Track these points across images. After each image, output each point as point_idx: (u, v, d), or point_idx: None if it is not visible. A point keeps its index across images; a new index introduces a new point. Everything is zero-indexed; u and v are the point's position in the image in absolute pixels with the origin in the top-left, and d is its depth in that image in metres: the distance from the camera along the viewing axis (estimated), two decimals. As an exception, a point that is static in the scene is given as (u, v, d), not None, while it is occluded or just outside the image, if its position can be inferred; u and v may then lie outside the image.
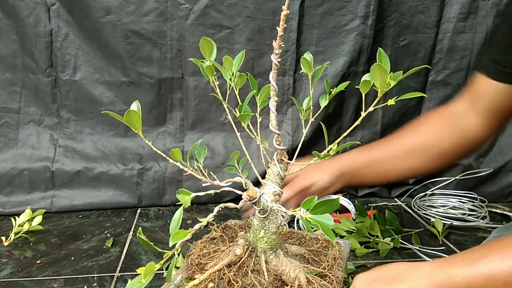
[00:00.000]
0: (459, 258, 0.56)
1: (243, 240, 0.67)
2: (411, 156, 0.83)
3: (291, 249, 0.68)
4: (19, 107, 1.23)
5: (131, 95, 1.24)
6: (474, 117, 0.79)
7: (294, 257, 0.67)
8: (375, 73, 0.54)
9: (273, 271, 0.63)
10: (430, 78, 1.31)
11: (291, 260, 0.65)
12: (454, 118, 0.81)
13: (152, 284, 0.89)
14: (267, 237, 0.65)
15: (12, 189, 1.22)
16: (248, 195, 0.58)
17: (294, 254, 0.68)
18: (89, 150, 1.26)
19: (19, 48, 1.19)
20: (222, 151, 1.28)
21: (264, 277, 0.63)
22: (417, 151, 0.83)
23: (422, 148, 0.83)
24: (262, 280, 0.62)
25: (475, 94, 0.79)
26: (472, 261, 0.53)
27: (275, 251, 0.65)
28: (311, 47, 1.24)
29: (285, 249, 0.67)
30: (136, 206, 1.27)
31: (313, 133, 1.27)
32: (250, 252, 0.65)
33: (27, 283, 0.89)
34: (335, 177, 0.90)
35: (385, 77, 0.53)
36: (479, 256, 0.53)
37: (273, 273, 0.63)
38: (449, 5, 1.24)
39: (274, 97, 0.62)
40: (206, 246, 0.73)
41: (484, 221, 1.19)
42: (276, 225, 0.65)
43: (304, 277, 0.61)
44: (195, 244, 0.75)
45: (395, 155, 0.85)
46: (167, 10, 1.18)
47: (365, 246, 1.02)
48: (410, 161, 0.84)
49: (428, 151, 0.82)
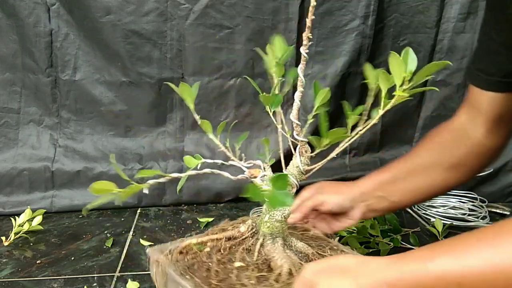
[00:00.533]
0: (415, 254, 0.51)
1: (251, 221, 0.70)
2: (428, 172, 0.81)
3: (296, 244, 0.69)
4: (19, 107, 1.23)
5: (131, 95, 1.24)
6: (477, 128, 0.77)
7: (296, 252, 0.67)
8: (393, 64, 0.53)
9: (264, 255, 0.65)
10: (430, 78, 1.31)
11: (288, 252, 0.66)
12: (458, 131, 0.80)
13: (152, 284, 0.89)
14: (270, 223, 0.67)
15: (12, 189, 1.22)
16: (250, 173, 0.63)
17: (298, 250, 0.68)
18: (89, 150, 1.26)
19: (19, 48, 1.19)
20: (222, 151, 1.28)
21: (253, 257, 0.65)
22: (430, 167, 0.81)
23: (434, 163, 0.80)
24: (248, 259, 0.65)
25: (472, 106, 0.78)
26: (426, 259, 0.48)
27: (274, 238, 0.66)
28: (311, 47, 1.24)
29: (289, 242, 0.68)
30: (136, 206, 1.27)
31: (313, 133, 1.26)
32: (253, 233, 0.69)
33: (27, 283, 0.89)
34: (353, 197, 0.81)
35: (402, 68, 0.53)
36: (434, 254, 0.49)
37: (263, 257, 0.65)
38: (449, 5, 1.24)
39: (300, 88, 0.64)
40: (227, 225, 0.76)
41: (484, 221, 1.19)
42: (281, 213, 0.66)
43: (288, 268, 0.61)
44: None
45: (414, 171, 0.82)
46: (167, 10, 1.18)
47: (365, 246, 1.02)
48: (428, 177, 0.81)
49: (441, 166, 0.80)
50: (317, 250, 0.70)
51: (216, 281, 0.60)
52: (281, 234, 0.67)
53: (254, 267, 0.63)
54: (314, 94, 0.66)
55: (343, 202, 0.79)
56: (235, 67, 1.24)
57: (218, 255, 0.67)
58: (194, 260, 0.67)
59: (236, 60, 1.24)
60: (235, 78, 1.25)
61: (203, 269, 0.64)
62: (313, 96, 0.67)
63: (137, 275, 0.92)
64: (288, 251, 0.66)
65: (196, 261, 0.66)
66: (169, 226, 1.16)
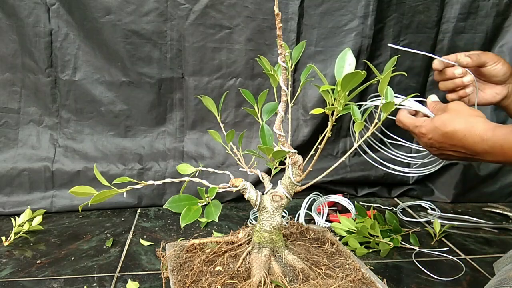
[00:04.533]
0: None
1: (249, 228, 0.71)
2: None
3: (287, 256, 0.67)
4: (19, 107, 1.23)
5: (131, 95, 1.25)
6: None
7: (284, 265, 0.66)
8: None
9: (248, 263, 0.66)
10: (430, 78, 1.31)
11: (274, 263, 0.65)
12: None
13: (152, 284, 0.89)
14: (259, 233, 0.67)
15: (12, 189, 1.22)
16: (231, 182, 0.63)
17: (287, 263, 0.66)
18: (89, 150, 1.26)
19: (19, 48, 1.19)
20: (222, 151, 1.28)
21: (236, 264, 0.65)
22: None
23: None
24: (231, 265, 0.66)
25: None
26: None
27: (261, 248, 0.66)
28: (311, 47, 1.24)
29: (280, 253, 0.67)
30: (136, 206, 1.27)
31: (313, 132, 1.27)
32: (249, 240, 0.69)
33: (27, 283, 0.89)
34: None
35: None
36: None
37: (247, 265, 0.66)
38: (449, 5, 1.24)
39: (283, 98, 0.63)
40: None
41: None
42: (269, 224, 0.66)
43: (257, 280, 0.61)
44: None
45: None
46: (167, 10, 1.18)
47: (365, 246, 1.02)
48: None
49: None
50: (311, 265, 0.67)
51: (190, 282, 0.63)
52: (269, 244, 0.66)
53: (232, 274, 0.64)
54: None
55: (507, 70, 0.85)
56: (235, 67, 1.24)
57: (204, 258, 0.68)
58: (188, 259, 0.69)
59: (236, 60, 1.24)
60: (235, 78, 1.25)
61: (189, 268, 0.66)
62: (313, 96, 0.67)
63: (137, 275, 0.92)
64: (274, 263, 0.65)
65: (189, 260, 0.68)
66: (169, 226, 1.16)
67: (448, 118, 0.74)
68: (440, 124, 0.74)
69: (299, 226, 0.79)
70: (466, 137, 0.71)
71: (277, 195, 0.66)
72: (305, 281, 0.63)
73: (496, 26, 1.26)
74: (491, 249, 1.06)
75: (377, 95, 0.77)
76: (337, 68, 0.57)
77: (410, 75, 1.28)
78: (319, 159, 0.66)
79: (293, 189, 0.66)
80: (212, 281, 0.62)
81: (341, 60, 0.58)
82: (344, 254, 0.73)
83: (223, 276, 0.63)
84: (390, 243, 1.02)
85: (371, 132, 0.61)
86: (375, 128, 0.61)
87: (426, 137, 0.77)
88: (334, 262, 0.69)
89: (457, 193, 1.34)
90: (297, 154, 0.65)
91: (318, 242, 0.75)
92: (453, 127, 0.72)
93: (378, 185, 1.37)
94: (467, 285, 0.91)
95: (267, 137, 0.65)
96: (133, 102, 1.25)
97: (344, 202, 1.21)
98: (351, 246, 1.00)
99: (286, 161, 0.66)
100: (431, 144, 0.77)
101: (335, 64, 0.58)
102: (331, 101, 0.56)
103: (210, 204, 0.57)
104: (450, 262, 0.99)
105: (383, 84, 0.57)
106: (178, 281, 0.64)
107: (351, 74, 0.51)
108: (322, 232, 0.78)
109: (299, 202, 1.18)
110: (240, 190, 0.64)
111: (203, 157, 1.29)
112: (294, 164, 0.65)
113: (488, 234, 1.15)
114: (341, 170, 1.34)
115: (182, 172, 0.68)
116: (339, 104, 0.55)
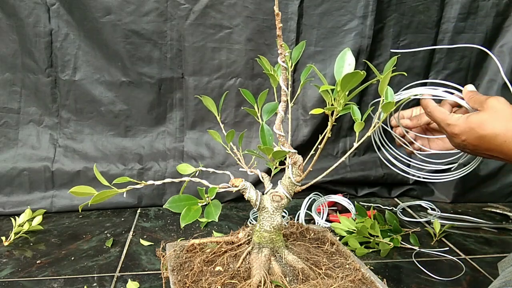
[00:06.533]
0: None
1: (249, 228, 0.71)
2: None
3: (287, 256, 0.67)
4: (19, 107, 1.23)
5: (131, 95, 1.25)
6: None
7: (284, 265, 0.66)
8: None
9: (248, 263, 0.66)
10: (430, 78, 1.31)
11: (274, 263, 0.65)
12: None
13: (152, 284, 0.89)
14: (259, 233, 0.67)
15: (12, 189, 1.22)
16: (231, 182, 0.63)
17: (287, 263, 0.66)
18: (89, 150, 1.26)
19: (19, 48, 1.19)
20: (222, 151, 1.28)
21: (236, 264, 0.65)
22: None
23: None
24: (231, 265, 0.66)
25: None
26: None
27: (261, 248, 0.66)
28: (310, 47, 1.24)
29: (280, 253, 0.67)
30: (136, 206, 1.27)
31: (313, 132, 1.27)
32: (249, 240, 0.69)
33: (27, 283, 0.89)
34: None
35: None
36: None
37: (247, 265, 0.66)
38: (449, 5, 1.24)
39: (283, 98, 0.63)
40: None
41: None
42: (269, 224, 0.66)
43: (257, 280, 0.61)
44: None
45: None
46: (167, 10, 1.18)
47: (365, 246, 1.02)
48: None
49: None
50: (311, 265, 0.67)
51: (190, 282, 0.63)
52: (269, 244, 0.66)
53: (232, 274, 0.64)
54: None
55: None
56: (235, 67, 1.24)
57: (204, 258, 0.68)
58: (188, 259, 0.69)
59: (236, 60, 1.24)
60: (235, 78, 1.25)
61: (189, 268, 0.66)
62: (313, 96, 0.67)
63: (137, 275, 0.92)
64: (274, 263, 0.65)
65: (189, 260, 0.68)
66: (169, 226, 1.16)
67: (487, 119, 0.66)
68: (477, 126, 0.66)
69: (299, 226, 0.79)
70: (507, 143, 0.64)
71: (277, 195, 0.66)
72: (305, 281, 0.63)
73: (496, 26, 1.26)
74: (491, 249, 1.06)
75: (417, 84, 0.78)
76: (336, 68, 0.57)
77: (410, 75, 1.28)
78: (319, 159, 0.66)
79: (293, 189, 0.66)
80: (212, 281, 0.62)
81: (341, 60, 0.58)
82: (344, 254, 0.72)
83: (223, 276, 0.63)
84: (390, 243, 1.02)
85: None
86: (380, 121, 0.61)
87: (460, 138, 0.69)
88: (334, 262, 0.69)
89: (457, 193, 1.34)
90: (297, 154, 0.65)
91: (318, 242, 0.75)
92: (492, 131, 0.65)
93: (378, 185, 1.37)
94: (467, 285, 0.91)
95: (267, 137, 0.65)
96: (133, 102, 1.25)
97: (344, 202, 1.21)
98: (351, 246, 1.00)
99: (286, 161, 0.66)
100: (464, 146, 0.70)
101: (335, 64, 0.58)
102: (330, 101, 0.56)
103: (210, 204, 0.57)
104: (450, 262, 0.99)
105: (383, 84, 0.57)
106: (178, 281, 0.64)
107: (350, 74, 0.51)
108: (322, 232, 0.78)
109: (299, 202, 1.18)
110: (240, 190, 0.64)
111: (203, 157, 1.29)
112: (294, 164, 0.65)
113: (488, 234, 1.15)
114: (341, 170, 1.34)
115: (182, 172, 0.68)
116: (338, 104, 0.55)
